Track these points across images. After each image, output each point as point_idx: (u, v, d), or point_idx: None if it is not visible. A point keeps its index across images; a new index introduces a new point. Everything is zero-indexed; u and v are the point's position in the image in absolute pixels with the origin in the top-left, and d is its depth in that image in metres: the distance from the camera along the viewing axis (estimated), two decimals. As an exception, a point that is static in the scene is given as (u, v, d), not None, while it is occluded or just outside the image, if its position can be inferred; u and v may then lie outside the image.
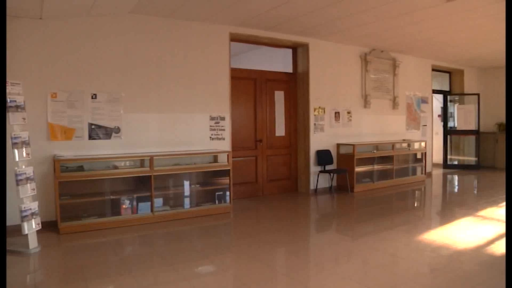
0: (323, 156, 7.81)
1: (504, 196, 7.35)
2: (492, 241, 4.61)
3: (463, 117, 11.73)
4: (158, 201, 5.65)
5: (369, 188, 8.14)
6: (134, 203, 5.42)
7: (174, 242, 4.78)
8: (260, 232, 5.25)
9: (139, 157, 5.55)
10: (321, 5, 5.67)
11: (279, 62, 8.18)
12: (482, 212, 6.12)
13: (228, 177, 6.18)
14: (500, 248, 4.36)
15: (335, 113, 8.08)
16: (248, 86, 7.36)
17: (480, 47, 8.93)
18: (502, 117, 11.78)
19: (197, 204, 6.02)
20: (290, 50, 7.99)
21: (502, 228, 5.14)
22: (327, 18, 6.41)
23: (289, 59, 8.02)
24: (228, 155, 6.23)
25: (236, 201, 6.81)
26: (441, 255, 4.15)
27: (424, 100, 10.27)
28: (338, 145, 8.10)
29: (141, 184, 5.55)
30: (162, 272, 3.68)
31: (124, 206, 5.34)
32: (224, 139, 6.62)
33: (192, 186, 6.03)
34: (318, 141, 7.82)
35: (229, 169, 6.17)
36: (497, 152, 11.66)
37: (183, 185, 5.93)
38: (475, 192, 8.60)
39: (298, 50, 7.88)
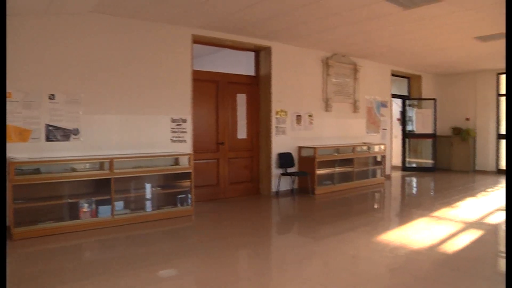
0: (285, 159, 7.98)
1: (458, 197, 7.77)
2: (445, 240, 4.92)
3: (421, 121, 12.23)
4: (119, 204, 5.65)
5: (330, 190, 8.37)
6: (94, 206, 5.39)
7: (135, 246, 4.79)
8: (222, 235, 5.32)
9: (98, 160, 5.54)
10: (284, 10, 5.85)
11: (242, 65, 8.29)
12: (437, 213, 6.48)
13: (189, 180, 6.24)
14: (452, 246, 4.68)
15: (297, 116, 8.28)
16: (211, 89, 7.44)
17: (437, 55, 9.38)
18: (456, 121, 12.40)
19: (159, 207, 6.05)
20: (253, 53, 8.11)
21: (454, 228, 5.49)
22: (290, 23, 6.60)
23: (252, 62, 8.14)
24: (189, 157, 6.29)
25: (198, 204, 6.87)
26: (398, 255, 4.40)
27: (383, 104, 10.64)
28: (300, 148, 8.30)
29: (101, 187, 5.53)
30: (122, 278, 3.68)
31: (83, 210, 5.31)
32: (185, 141, 6.67)
33: (153, 188, 6.05)
34: (280, 144, 7.99)
35: (190, 172, 6.24)
36: (453, 155, 12.26)
37: (144, 188, 5.95)
38: (431, 193, 9.01)
39: (261, 54, 8.03)
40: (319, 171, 8.19)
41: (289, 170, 8.09)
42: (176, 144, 6.56)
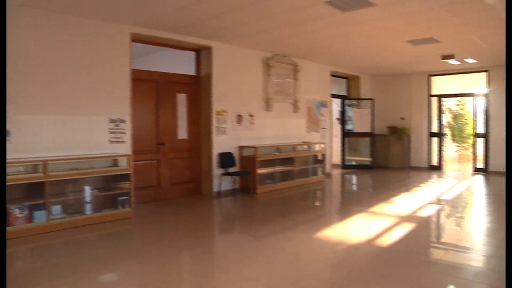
0: (226, 159, 8.08)
1: (394, 193, 8.22)
2: (381, 234, 5.27)
3: (359, 120, 12.74)
4: (56, 209, 5.53)
5: (271, 189, 8.57)
6: (27, 211, 5.24)
7: (72, 251, 4.71)
8: (164, 237, 5.33)
9: (31, 162, 5.38)
10: (225, 9, 5.95)
11: (184, 64, 8.29)
12: (374, 208, 6.87)
13: (129, 182, 6.21)
14: (387, 239, 5.02)
15: (238, 116, 8.40)
16: (150, 88, 7.41)
17: (374, 56, 9.83)
18: (393, 121, 13.04)
19: (97, 210, 5.96)
20: (194, 53, 8.14)
21: (390, 222, 5.88)
22: (231, 23, 6.71)
23: (193, 62, 8.17)
24: (128, 158, 6.25)
25: (138, 206, 6.84)
26: (337, 251, 4.66)
27: (323, 104, 10.99)
28: (241, 147, 8.45)
29: (35, 191, 5.38)
30: (59, 286, 3.61)
31: (15, 216, 5.13)
32: (124, 142, 6.61)
33: (92, 191, 5.96)
34: (221, 143, 8.09)
35: (129, 173, 6.20)
36: (389, 152, 12.89)
37: (81, 191, 5.87)
38: (369, 190, 9.47)
39: (202, 53, 8.08)
40: (260, 171, 8.37)
41: (230, 170, 8.21)
42: (114, 145, 6.49)
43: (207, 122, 8.04)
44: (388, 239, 5.02)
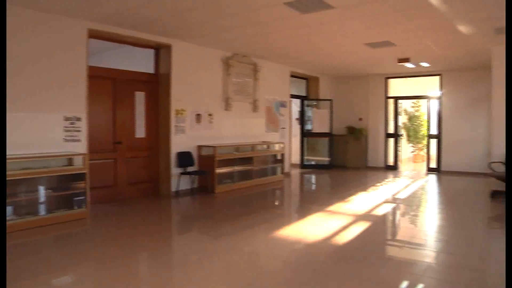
0: (184, 158, 8.08)
1: (351, 192, 8.44)
2: (337, 232, 5.43)
3: (318, 120, 12.97)
4: (7, 210, 5.34)
5: (230, 189, 8.63)
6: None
7: (23, 254, 4.56)
8: (120, 237, 5.28)
9: (-19, 161, 5.19)
10: (184, 8, 5.96)
11: (143, 62, 8.21)
12: (332, 207, 7.05)
13: (84, 181, 6.11)
14: (343, 237, 5.19)
15: (197, 115, 8.41)
16: (108, 86, 7.33)
17: (332, 58, 10.07)
18: (350, 121, 13.38)
19: (51, 211, 5.83)
20: (153, 51, 8.09)
21: (346, 220, 6.06)
22: (190, 21, 6.72)
23: (152, 60, 8.11)
24: (84, 157, 6.15)
25: (95, 206, 6.74)
26: (295, 249, 4.80)
27: (283, 104, 11.14)
28: (199, 147, 8.47)
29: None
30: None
31: (-38, 216, 4.95)
32: (80, 140, 6.50)
33: (45, 191, 5.83)
34: (179, 143, 8.09)
35: (85, 173, 6.11)
36: (347, 152, 13.22)
37: (34, 191, 5.73)
38: (327, 189, 9.69)
39: (161, 51, 8.04)
40: (219, 170, 8.41)
41: (189, 169, 8.21)
42: (69, 143, 6.37)
43: (165, 121, 8.01)
44: (345, 237, 5.20)
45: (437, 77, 12.00)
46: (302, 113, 12.97)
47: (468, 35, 7.46)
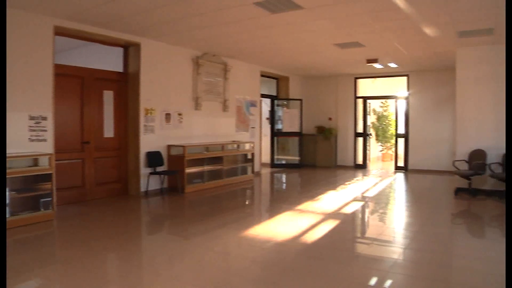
0: (154, 158, 8.04)
1: (320, 191, 8.58)
2: (306, 231, 5.52)
3: (288, 120, 13.08)
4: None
5: (200, 189, 8.63)
6: None
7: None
8: (88, 239, 5.17)
9: None
10: (153, 6, 5.95)
11: (111, 60, 8.12)
12: (301, 206, 7.16)
13: (50, 182, 6.00)
14: (312, 236, 5.28)
15: (166, 114, 8.38)
16: (75, 85, 7.22)
17: (302, 58, 10.18)
18: (320, 121, 13.56)
19: (16, 213, 5.69)
20: (122, 49, 8.00)
21: (315, 219, 6.16)
22: (160, 19, 6.70)
23: (121, 58, 8.03)
24: (50, 157, 6.05)
25: (61, 207, 6.64)
26: (264, 248, 4.86)
27: (253, 104, 11.19)
28: (169, 146, 8.44)
29: None
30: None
31: None
32: (46, 140, 6.37)
33: (9, 193, 5.68)
34: (149, 142, 8.04)
35: (51, 173, 6.01)
36: (317, 152, 13.37)
37: (-3, 192, 5.56)
38: (297, 188, 9.81)
39: (130, 50, 7.97)
40: (189, 170, 8.41)
41: (158, 169, 8.18)
42: (35, 143, 6.24)
43: (134, 120, 7.94)
44: (314, 236, 5.30)
45: (405, 78, 12.29)
46: (272, 112, 13.08)
47: (433, 37, 7.68)
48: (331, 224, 5.88)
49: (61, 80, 6.76)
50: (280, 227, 5.75)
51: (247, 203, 8.24)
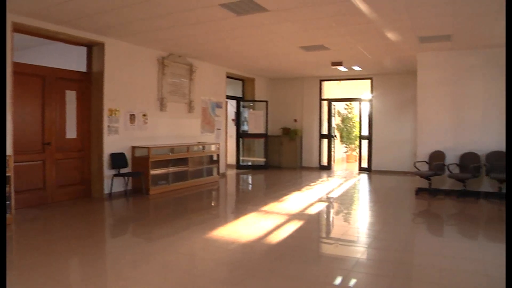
0: (118, 159, 7.95)
1: (285, 192, 8.67)
2: (271, 232, 5.59)
3: (254, 121, 13.14)
4: None
5: (165, 190, 8.58)
6: None
7: None
8: (48, 243, 4.99)
9: None
10: (117, 5, 5.89)
11: (74, 60, 7.97)
12: (266, 207, 7.24)
13: (8, 185, 5.84)
14: (277, 237, 5.35)
15: (131, 115, 8.29)
16: (36, 84, 7.05)
17: (268, 60, 10.28)
18: (286, 123, 13.69)
19: (-29, 215, 5.51)
20: (85, 48, 7.86)
21: (280, 220, 6.25)
22: (124, 19, 6.64)
23: (84, 58, 7.88)
24: (8, 159, 5.88)
25: (21, 210, 6.49)
26: (229, 250, 4.89)
27: (218, 105, 11.20)
28: (133, 147, 8.36)
29: None
30: None
31: None
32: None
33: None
34: (113, 143, 7.94)
35: (9, 175, 5.84)
36: (282, 153, 13.50)
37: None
38: (262, 189, 9.87)
39: (94, 49, 7.85)
40: (154, 171, 8.35)
41: (122, 170, 8.08)
42: (-7, 144, 6.05)
43: (98, 121, 7.82)
44: (279, 236, 5.37)
45: (368, 81, 12.55)
46: (238, 114, 13.11)
47: (395, 42, 7.89)
48: (295, 225, 5.97)
49: (20, 79, 6.59)
50: (246, 228, 5.80)
51: (212, 204, 8.25)
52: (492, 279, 3.85)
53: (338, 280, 3.90)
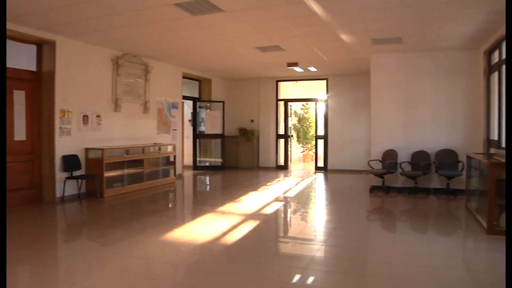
0: (70, 162, 7.75)
1: (242, 192, 8.72)
2: (226, 232, 5.61)
3: (210, 122, 13.11)
4: None
5: (120, 193, 8.45)
6: None
7: None
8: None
9: None
10: (68, 2, 5.73)
11: (23, 58, 7.67)
12: (222, 208, 7.26)
13: (-46, 189, 5.56)
14: (233, 237, 5.37)
15: (84, 116, 8.10)
16: (-19, 84, 6.72)
17: (224, 60, 10.30)
18: (242, 123, 13.75)
19: None
20: (35, 47, 7.60)
21: (236, 220, 6.28)
22: (76, 17, 6.48)
23: (34, 56, 7.61)
24: (-46, 163, 5.60)
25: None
26: (186, 251, 4.86)
27: (174, 106, 11.11)
28: (87, 149, 8.17)
29: None
30: None
31: None
32: None
33: None
34: (65, 145, 7.74)
35: (-45, 180, 5.56)
36: (239, 153, 13.55)
37: None
38: (219, 190, 9.88)
39: (44, 48, 7.62)
40: (108, 173, 8.20)
41: (75, 173, 7.88)
42: None
43: (49, 122, 7.59)
44: (235, 237, 5.41)
45: (324, 81, 12.78)
46: (194, 114, 13.05)
47: (349, 43, 8.08)
48: (252, 225, 6.03)
49: (-35, 79, 6.30)
50: (202, 229, 5.79)
51: (168, 206, 8.18)
52: (437, 271, 4.05)
53: (293, 278, 3.97)
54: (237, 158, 13.67)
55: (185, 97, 12.15)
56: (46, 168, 7.67)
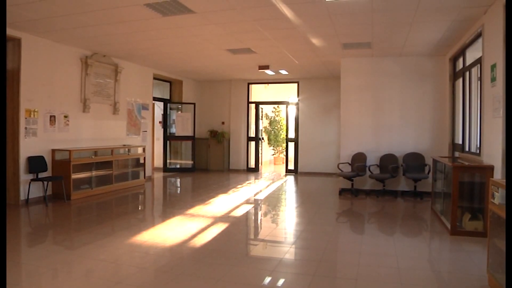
0: (36, 163, 7.53)
1: (212, 194, 8.67)
2: (195, 235, 5.56)
3: (181, 124, 12.99)
4: None
5: (88, 195, 8.26)
6: None
7: None
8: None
9: None
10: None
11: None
12: (192, 210, 7.20)
13: None
14: (201, 240, 5.32)
15: (51, 116, 7.89)
16: None
17: (195, 62, 10.21)
18: (213, 125, 13.72)
19: None
20: (-2, 44, 7.36)
21: (205, 223, 6.23)
22: (42, 14, 6.28)
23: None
24: None
25: None
26: (150, 254, 4.78)
27: (145, 107, 10.95)
28: (54, 150, 7.95)
29: None
30: None
31: None
32: None
33: None
34: (30, 146, 7.51)
35: None
36: (210, 156, 13.47)
37: None
38: (189, 192, 9.79)
39: (8, 45, 7.36)
40: (75, 175, 8.00)
41: (41, 175, 7.66)
42: None
43: (13, 122, 7.35)
44: (204, 239, 5.35)
45: (295, 84, 12.84)
46: (165, 116, 12.90)
47: (320, 47, 8.13)
48: (221, 227, 5.98)
49: None
50: (170, 232, 5.71)
51: (137, 208, 8.02)
52: (403, 271, 4.11)
53: (262, 281, 3.95)
54: (207, 160, 13.58)
55: (155, 99, 12.01)
56: (10, 170, 7.39)
